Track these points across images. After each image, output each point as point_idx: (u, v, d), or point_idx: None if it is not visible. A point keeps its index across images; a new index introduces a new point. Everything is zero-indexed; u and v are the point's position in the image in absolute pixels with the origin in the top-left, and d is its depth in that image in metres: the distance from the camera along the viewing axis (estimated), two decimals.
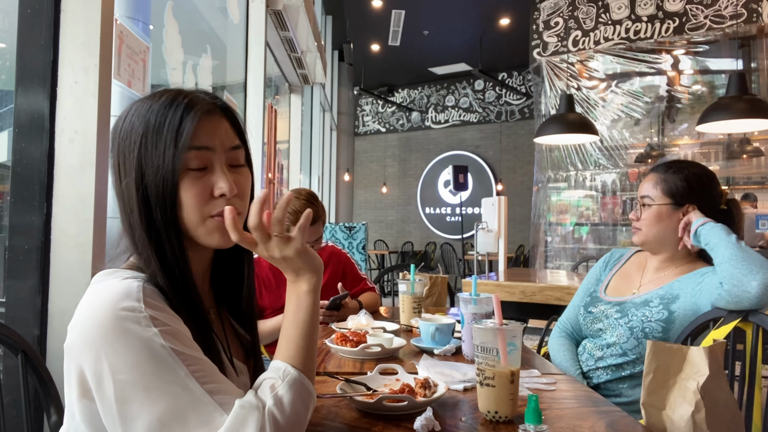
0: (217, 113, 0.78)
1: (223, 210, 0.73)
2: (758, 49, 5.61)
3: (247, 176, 0.81)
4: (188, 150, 0.73)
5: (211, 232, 0.76)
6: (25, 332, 1.45)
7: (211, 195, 0.75)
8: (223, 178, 0.75)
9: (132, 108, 0.78)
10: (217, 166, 0.76)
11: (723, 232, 1.34)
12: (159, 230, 0.74)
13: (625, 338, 1.44)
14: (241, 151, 0.79)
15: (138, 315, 0.67)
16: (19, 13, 1.52)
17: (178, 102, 0.75)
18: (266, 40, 3.88)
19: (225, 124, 0.79)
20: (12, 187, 1.50)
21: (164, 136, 0.73)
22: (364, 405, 0.94)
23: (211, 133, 0.76)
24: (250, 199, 0.82)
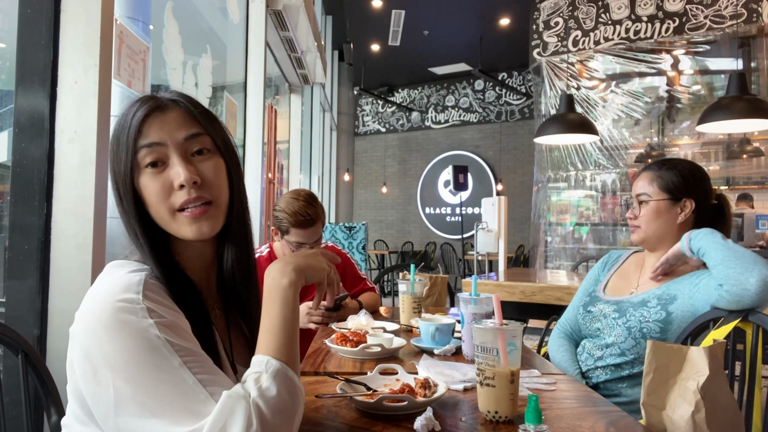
0: (169, 107, 0.79)
1: (188, 200, 0.75)
2: (758, 49, 5.61)
3: (214, 162, 0.80)
4: (139, 149, 0.75)
5: (182, 225, 0.77)
6: (25, 332, 1.45)
7: (171, 188, 0.76)
8: (179, 168, 0.76)
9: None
10: (173, 158, 0.76)
11: (709, 235, 1.35)
12: (136, 230, 0.77)
13: (623, 338, 1.44)
14: (202, 138, 0.79)
15: (135, 306, 0.68)
16: (19, 13, 1.52)
17: (133, 105, 0.78)
18: (266, 40, 3.88)
19: (177, 115, 0.79)
20: (12, 187, 1.50)
21: (122, 140, 0.77)
22: (364, 405, 0.94)
23: (160, 127, 0.77)
24: (231, 185, 0.83)
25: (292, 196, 1.91)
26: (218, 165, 0.80)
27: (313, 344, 1.52)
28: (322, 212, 1.94)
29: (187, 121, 0.79)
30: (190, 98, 0.82)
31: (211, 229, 0.79)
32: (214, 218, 0.79)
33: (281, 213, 1.89)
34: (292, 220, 1.86)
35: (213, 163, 0.80)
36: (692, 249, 1.38)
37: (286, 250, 1.95)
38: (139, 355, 0.66)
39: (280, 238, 1.95)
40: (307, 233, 1.89)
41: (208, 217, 0.78)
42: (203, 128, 0.80)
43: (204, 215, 0.77)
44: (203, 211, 0.77)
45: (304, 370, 1.24)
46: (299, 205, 1.87)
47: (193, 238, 0.78)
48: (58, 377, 1.15)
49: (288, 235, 1.90)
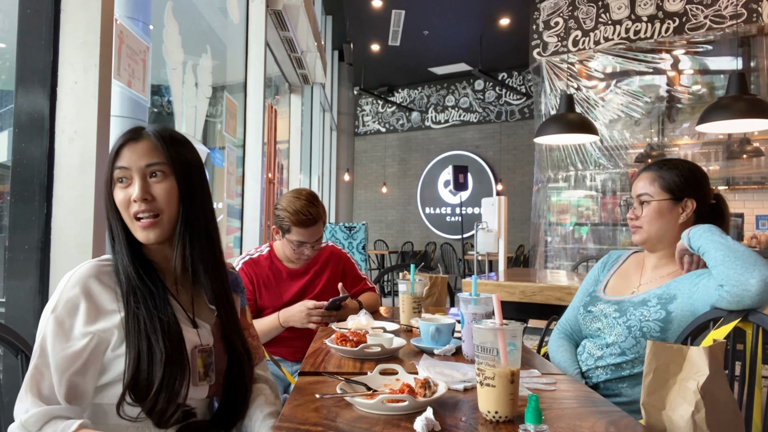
0: (142, 139, 1.03)
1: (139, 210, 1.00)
2: (758, 49, 5.61)
3: (166, 185, 1.02)
4: (114, 169, 1.02)
5: (137, 231, 1.02)
6: (25, 332, 1.45)
7: (130, 200, 1.01)
8: (135, 187, 1.00)
9: None
10: (134, 178, 1.01)
11: (709, 233, 1.34)
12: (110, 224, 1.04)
13: (623, 338, 1.44)
14: (159, 166, 1.02)
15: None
16: (19, 13, 1.52)
17: (120, 136, 1.04)
18: (266, 40, 3.88)
19: (145, 146, 1.02)
20: (12, 187, 1.50)
21: (108, 159, 1.04)
22: (364, 405, 0.94)
23: (130, 155, 1.02)
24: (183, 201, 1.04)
25: (294, 195, 1.92)
26: (169, 185, 1.03)
27: (313, 344, 1.52)
28: (323, 211, 1.94)
29: (152, 152, 1.02)
30: (163, 132, 1.05)
31: (156, 236, 1.02)
32: (161, 228, 1.02)
33: (283, 212, 1.89)
34: (293, 219, 1.87)
35: (164, 186, 1.02)
36: (692, 246, 1.38)
37: (287, 249, 1.95)
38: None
39: (281, 237, 1.95)
40: (309, 232, 1.89)
41: (155, 227, 1.02)
42: (165, 158, 1.02)
43: (152, 226, 1.01)
44: (152, 222, 1.01)
45: (304, 369, 1.24)
46: (301, 204, 1.88)
47: (144, 242, 1.03)
48: None
49: (289, 234, 1.90)
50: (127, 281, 1.00)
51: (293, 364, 2.00)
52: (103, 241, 1.55)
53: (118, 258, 1.02)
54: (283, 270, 2.01)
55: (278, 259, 2.02)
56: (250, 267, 1.97)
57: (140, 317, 0.98)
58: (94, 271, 1.00)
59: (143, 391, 0.94)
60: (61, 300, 0.95)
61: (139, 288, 1.00)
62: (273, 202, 4.69)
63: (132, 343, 0.96)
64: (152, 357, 0.96)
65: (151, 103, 2.20)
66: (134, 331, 0.96)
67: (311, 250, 1.94)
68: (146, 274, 1.03)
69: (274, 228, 1.97)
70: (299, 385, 1.11)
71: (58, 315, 0.94)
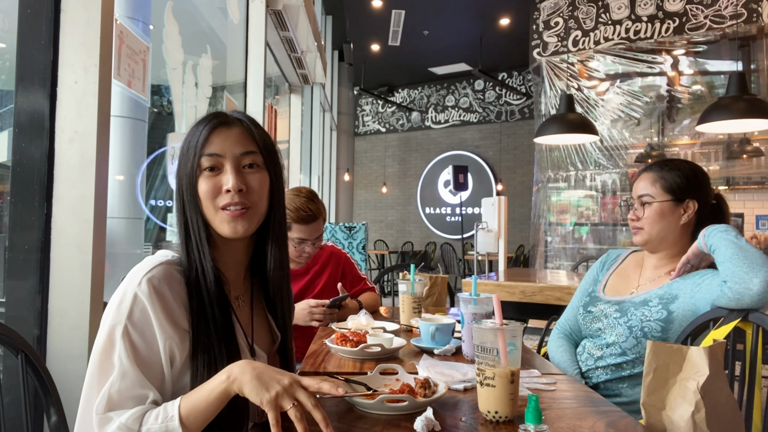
0: (234, 124, 0.94)
1: (230, 202, 0.90)
2: (758, 49, 5.60)
3: (260, 177, 0.95)
4: (201, 156, 0.91)
5: (222, 222, 0.92)
6: (25, 332, 1.45)
7: (220, 190, 0.91)
8: (230, 176, 0.91)
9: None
10: (226, 167, 0.92)
11: (724, 233, 1.34)
12: (187, 218, 0.92)
13: (624, 338, 1.44)
14: (254, 155, 0.94)
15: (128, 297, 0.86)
16: (19, 13, 1.52)
17: (205, 118, 0.95)
18: (266, 40, 3.87)
19: (239, 132, 0.94)
20: (12, 187, 1.50)
21: (191, 146, 0.93)
22: (364, 405, 0.94)
23: (222, 141, 0.92)
24: (273, 196, 0.97)
25: (294, 193, 1.93)
26: (263, 179, 0.95)
27: (313, 344, 1.52)
28: (323, 208, 1.95)
29: (246, 139, 0.94)
30: (253, 120, 0.98)
31: (245, 229, 0.92)
32: (249, 221, 0.93)
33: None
34: (294, 216, 1.87)
35: (259, 177, 0.94)
36: (706, 244, 1.37)
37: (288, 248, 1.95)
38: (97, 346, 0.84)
39: None
40: (309, 229, 1.90)
41: (245, 219, 0.92)
42: (257, 147, 0.95)
43: (241, 217, 0.92)
44: (241, 213, 0.92)
45: (304, 370, 1.24)
46: (301, 201, 1.89)
47: (229, 235, 0.92)
48: (58, 377, 1.15)
49: (290, 232, 1.91)
50: (200, 293, 0.88)
51: None
52: (104, 241, 1.55)
53: (194, 262, 0.90)
54: None
55: None
56: None
57: (210, 338, 0.87)
58: (167, 275, 0.87)
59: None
60: (136, 307, 0.83)
61: (212, 301, 0.89)
62: None
63: (199, 367, 0.86)
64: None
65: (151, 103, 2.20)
66: (202, 354, 0.86)
67: (312, 247, 1.94)
68: (215, 283, 0.91)
69: None
70: None
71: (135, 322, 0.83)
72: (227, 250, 0.96)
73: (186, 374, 0.86)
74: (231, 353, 0.89)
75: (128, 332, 0.82)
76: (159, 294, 0.84)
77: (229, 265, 0.97)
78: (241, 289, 1.00)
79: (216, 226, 0.92)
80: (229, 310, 0.93)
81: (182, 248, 0.92)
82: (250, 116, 0.98)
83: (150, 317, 0.83)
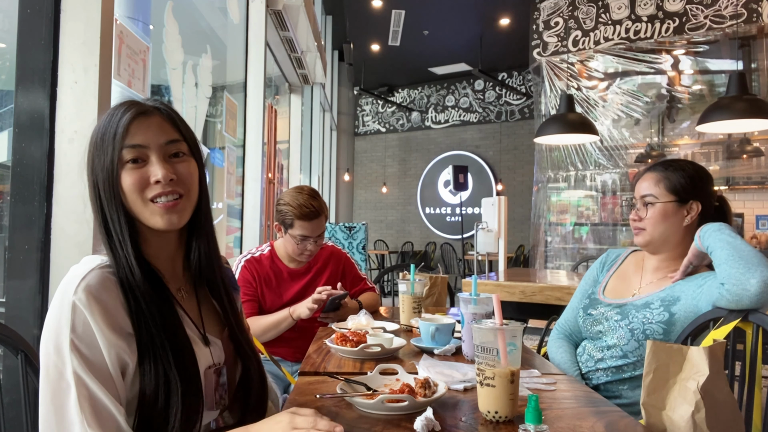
0: (153, 113, 0.89)
1: (162, 192, 0.86)
2: (758, 49, 5.60)
3: (189, 164, 0.91)
4: (123, 148, 0.86)
5: (154, 214, 0.87)
6: (25, 332, 1.45)
7: (148, 182, 0.87)
8: (158, 167, 0.86)
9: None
10: (152, 158, 0.87)
11: (718, 232, 1.33)
12: (106, 216, 0.87)
13: (625, 340, 1.44)
14: (179, 144, 0.90)
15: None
16: (19, 13, 1.52)
17: (119, 108, 0.89)
18: (266, 40, 3.88)
19: (160, 121, 0.90)
20: (12, 187, 1.50)
21: (107, 138, 0.87)
22: (364, 405, 0.94)
23: (144, 131, 0.87)
24: (200, 185, 0.93)
25: (296, 191, 1.93)
26: (192, 167, 0.91)
27: (313, 344, 1.52)
28: (325, 206, 1.96)
29: (168, 128, 0.90)
30: (170, 107, 0.93)
31: (179, 220, 0.89)
32: (183, 210, 0.90)
33: (286, 206, 1.90)
34: (297, 213, 1.87)
35: (187, 165, 0.91)
36: (703, 245, 1.36)
37: (289, 246, 1.95)
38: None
39: (283, 234, 1.96)
40: (312, 226, 1.90)
41: (179, 210, 0.88)
42: (181, 135, 0.91)
43: (175, 208, 0.88)
44: (175, 204, 0.88)
45: (304, 370, 1.24)
46: (304, 198, 1.89)
47: (162, 228, 0.88)
48: None
49: (292, 229, 1.91)
50: (133, 291, 0.84)
51: (293, 364, 2.00)
52: None
53: (121, 260, 0.85)
54: (284, 270, 2.02)
55: (279, 258, 2.03)
56: (253, 265, 1.98)
57: (154, 338, 0.83)
58: (102, 280, 0.82)
59: (156, 427, 0.81)
60: (77, 318, 0.78)
61: (148, 300, 0.84)
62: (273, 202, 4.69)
63: (146, 371, 0.81)
64: (168, 389, 0.82)
65: None
66: (148, 356, 0.82)
67: (314, 245, 1.94)
68: (151, 280, 0.87)
69: (277, 225, 1.98)
70: (299, 385, 1.11)
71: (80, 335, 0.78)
72: (158, 244, 0.92)
73: (137, 381, 0.82)
74: (179, 348, 0.85)
75: (76, 345, 0.77)
76: (98, 301, 0.79)
77: (162, 258, 0.93)
78: (181, 280, 0.96)
79: (147, 219, 0.87)
80: (172, 303, 0.89)
81: (106, 248, 0.87)
82: (165, 102, 0.93)
83: (91, 327, 0.78)
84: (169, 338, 0.85)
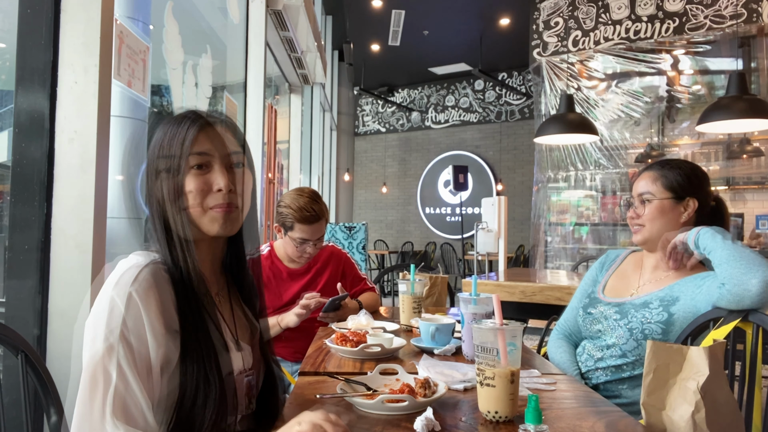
0: (218, 125, 0.94)
1: (222, 203, 0.90)
2: (758, 49, 5.60)
3: (246, 176, 0.96)
4: (190, 154, 0.90)
5: (212, 221, 0.91)
6: (25, 332, 1.45)
7: (210, 190, 0.90)
8: (220, 176, 0.90)
9: (157, 126, 0.96)
10: (215, 166, 0.91)
11: (718, 235, 1.35)
12: (169, 218, 0.89)
13: (624, 339, 1.44)
14: (240, 155, 0.95)
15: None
16: (19, 13, 1.52)
17: (186, 117, 0.93)
18: (266, 40, 3.88)
19: (224, 132, 0.94)
20: (12, 187, 1.50)
21: (174, 146, 0.91)
22: (364, 405, 0.94)
23: (210, 140, 0.92)
24: (252, 194, 0.98)
25: (297, 193, 1.92)
26: (248, 178, 0.97)
27: (313, 344, 1.52)
28: (326, 209, 1.95)
29: (231, 139, 0.95)
30: (232, 120, 0.99)
31: (233, 228, 0.93)
32: (237, 220, 0.94)
33: (286, 209, 1.90)
34: (297, 216, 1.87)
35: (244, 177, 0.96)
36: (698, 244, 1.37)
37: (289, 248, 1.95)
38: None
39: (283, 236, 1.95)
40: (312, 229, 1.89)
41: (233, 219, 0.93)
42: (242, 147, 0.96)
43: (230, 215, 0.92)
44: (231, 212, 0.92)
45: (304, 370, 1.24)
46: (304, 201, 1.89)
47: (217, 234, 0.92)
48: (58, 377, 1.15)
49: (292, 231, 1.90)
50: (185, 291, 0.86)
51: (293, 364, 2.00)
52: (104, 241, 1.55)
53: (179, 261, 0.88)
54: (284, 270, 2.02)
55: (278, 258, 2.02)
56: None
57: (199, 338, 0.85)
58: (156, 274, 0.85)
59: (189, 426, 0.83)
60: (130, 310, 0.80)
61: (196, 300, 0.87)
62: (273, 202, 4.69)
63: (188, 370, 0.83)
64: (207, 390, 0.84)
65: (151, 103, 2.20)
66: (191, 356, 0.83)
67: (313, 248, 1.94)
68: (199, 282, 0.90)
69: (276, 226, 1.97)
70: (299, 385, 1.11)
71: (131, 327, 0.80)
72: (207, 248, 0.96)
73: (176, 377, 0.83)
74: (218, 351, 0.87)
75: (125, 337, 0.79)
76: (153, 294, 0.82)
77: (207, 262, 0.96)
78: (219, 285, 1.00)
79: (204, 225, 0.91)
80: (215, 307, 0.93)
81: (164, 249, 0.89)
82: (227, 116, 0.98)
83: (143, 320, 0.80)
84: (211, 340, 0.87)
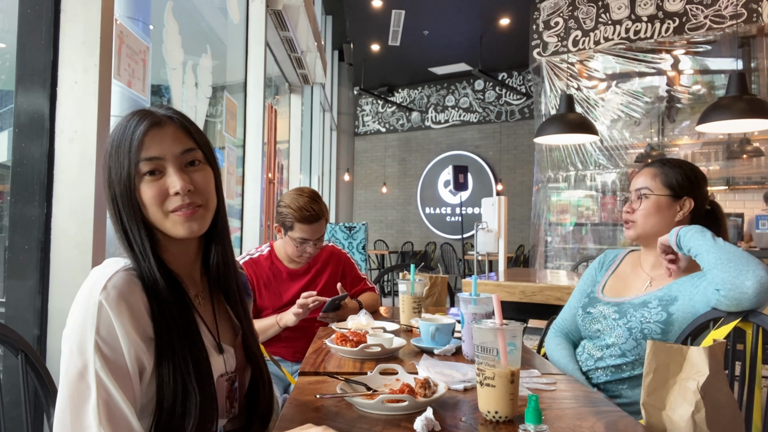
0: (167, 123, 0.89)
1: (182, 204, 0.86)
2: (758, 49, 5.60)
3: (205, 173, 0.91)
4: (138, 162, 0.86)
5: (176, 225, 0.88)
6: (25, 332, 1.45)
7: (167, 194, 0.87)
8: (175, 178, 0.86)
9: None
10: (169, 169, 0.87)
11: (699, 235, 1.33)
12: (126, 228, 0.87)
13: (623, 339, 1.44)
14: (194, 152, 0.90)
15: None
16: (19, 13, 1.52)
17: (131, 119, 0.88)
18: (266, 40, 3.88)
19: (174, 131, 0.89)
20: (12, 187, 1.50)
21: (122, 151, 0.87)
22: (364, 405, 0.94)
23: (159, 142, 0.87)
24: (217, 192, 0.94)
25: (297, 193, 1.93)
26: (208, 175, 0.92)
27: (313, 344, 1.52)
28: (326, 209, 1.95)
29: (182, 137, 0.90)
30: (184, 115, 0.93)
31: (199, 227, 0.90)
32: (203, 219, 0.90)
33: (286, 209, 1.90)
34: (297, 216, 1.87)
35: (204, 174, 0.91)
36: (680, 245, 1.37)
37: (289, 248, 1.95)
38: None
39: (283, 236, 1.95)
40: (312, 229, 1.89)
41: (198, 218, 0.89)
42: (196, 143, 0.91)
43: (194, 215, 0.88)
44: (194, 212, 0.88)
45: (304, 370, 1.24)
46: (304, 201, 1.89)
47: (184, 236, 0.88)
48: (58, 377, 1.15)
49: (292, 231, 1.90)
50: (157, 296, 0.84)
51: (293, 364, 2.00)
52: (104, 241, 1.55)
53: (144, 269, 0.86)
54: (284, 270, 2.02)
55: (278, 259, 2.02)
56: (251, 267, 1.97)
57: (174, 344, 0.83)
58: (128, 281, 0.82)
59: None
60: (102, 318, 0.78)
61: (170, 305, 0.85)
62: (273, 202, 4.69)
63: (165, 378, 0.82)
64: (186, 398, 0.82)
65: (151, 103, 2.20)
66: (166, 362, 0.82)
67: (313, 248, 1.94)
68: (173, 287, 0.88)
69: (276, 226, 1.98)
70: (299, 385, 1.11)
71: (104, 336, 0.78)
72: (178, 251, 0.92)
73: (153, 385, 0.82)
74: (197, 356, 0.85)
75: (99, 347, 0.77)
76: (124, 301, 0.80)
77: (182, 264, 0.93)
78: (199, 286, 0.97)
79: (168, 230, 0.88)
80: (191, 310, 0.89)
81: (130, 256, 0.87)
82: (178, 111, 0.93)
83: (115, 329, 0.78)
84: (188, 346, 0.85)
